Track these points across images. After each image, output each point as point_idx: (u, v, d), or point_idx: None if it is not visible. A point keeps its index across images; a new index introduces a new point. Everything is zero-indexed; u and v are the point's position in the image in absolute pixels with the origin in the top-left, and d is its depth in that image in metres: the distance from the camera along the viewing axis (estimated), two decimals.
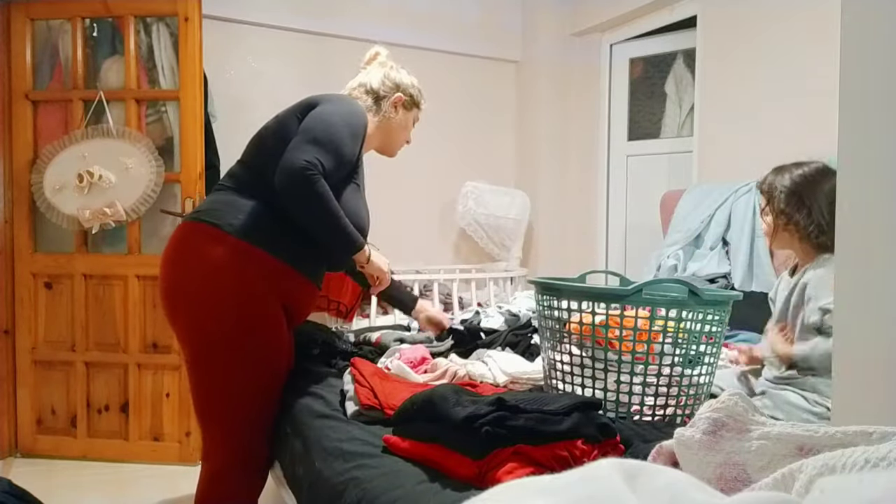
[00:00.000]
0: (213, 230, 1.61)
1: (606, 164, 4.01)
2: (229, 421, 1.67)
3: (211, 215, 1.64)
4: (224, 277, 1.60)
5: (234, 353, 1.62)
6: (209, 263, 1.60)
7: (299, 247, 1.68)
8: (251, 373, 1.65)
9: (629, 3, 3.58)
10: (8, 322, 2.83)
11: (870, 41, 0.84)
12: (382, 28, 3.74)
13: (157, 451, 2.77)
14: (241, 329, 1.62)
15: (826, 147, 1.97)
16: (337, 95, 1.82)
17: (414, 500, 1.06)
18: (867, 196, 0.85)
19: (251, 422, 1.69)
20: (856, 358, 0.87)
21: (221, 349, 1.62)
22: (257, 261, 1.62)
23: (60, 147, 2.73)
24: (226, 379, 1.64)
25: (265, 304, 1.65)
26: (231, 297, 1.61)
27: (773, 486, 0.58)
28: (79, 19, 2.79)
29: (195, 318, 1.62)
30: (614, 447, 1.21)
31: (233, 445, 1.68)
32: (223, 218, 1.63)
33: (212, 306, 1.61)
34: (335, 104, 1.73)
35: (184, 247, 1.66)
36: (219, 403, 1.66)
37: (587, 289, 1.56)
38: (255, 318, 1.64)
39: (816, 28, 2.63)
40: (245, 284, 1.61)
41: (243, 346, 1.63)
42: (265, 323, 1.66)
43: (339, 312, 3.09)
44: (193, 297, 1.62)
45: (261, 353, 1.66)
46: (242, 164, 1.77)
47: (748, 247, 2.60)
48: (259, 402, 1.69)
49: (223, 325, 1.61)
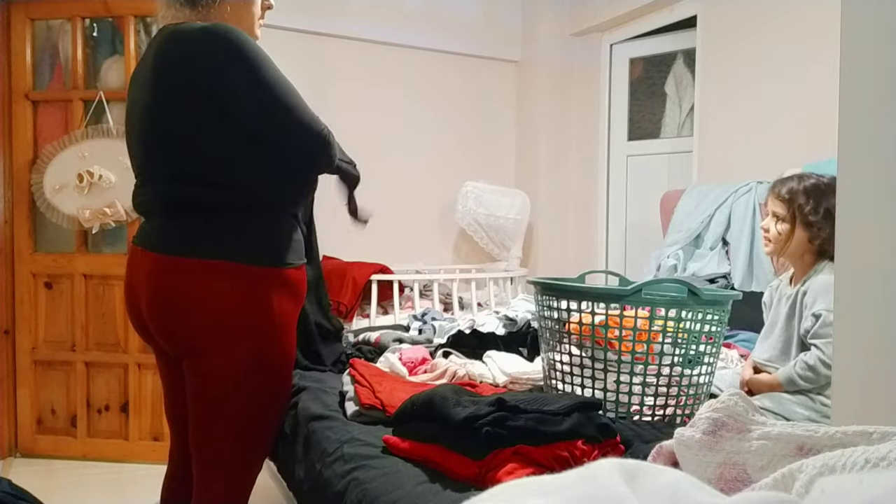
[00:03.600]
0: (212, 264, 1.41)
1: (606, 164, 4.01)
2: (247, 447, 1.53)
3: (200, 249, 1.42)
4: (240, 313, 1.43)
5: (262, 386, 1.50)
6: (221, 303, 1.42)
7: (290, 240, 1.53)
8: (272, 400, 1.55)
9: (629, 3, 3.58)
10: (8, 322, 2.82)
11: (870, 41, 0.84)
12: (382, 28, 3.74)
13: (157, 451, 2.77)
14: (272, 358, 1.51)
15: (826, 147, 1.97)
16: (196, 34, 1.40)
17: (414, 500, 1.06)
18: (867, 197, 0.85)
19: (265, 448, 1.59)
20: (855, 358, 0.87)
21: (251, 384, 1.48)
22: (269, 280, 1.47)
23: (60, 147, 2.73)
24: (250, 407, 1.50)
25: (284, 324, 1.52)
26: (264, 331, 1.46)
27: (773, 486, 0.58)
28: (79, 19, 2.79)
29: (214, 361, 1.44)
30: (614, 447, 1.21)
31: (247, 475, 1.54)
32: (218, 248, 1.42)
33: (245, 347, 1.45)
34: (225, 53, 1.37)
35: (184, 288, 1.42)
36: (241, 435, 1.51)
37: (587, 289, 1.56)
38: (277, 344, 1.51)
39: (816, 28, 2.63)
40: (264, 313, 1.46)
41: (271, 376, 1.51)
42: (286, 343, 1.55)
43: (338, 312, 3.09)
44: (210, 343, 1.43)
45: (281, 375, 1.56)
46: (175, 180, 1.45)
47: (748, 247, 2.59)
48: (275, 423, 1.59)
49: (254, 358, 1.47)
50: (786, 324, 1.73)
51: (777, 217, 1.75)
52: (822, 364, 1.56)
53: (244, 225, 1.45)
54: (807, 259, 1.72)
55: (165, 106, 1.42)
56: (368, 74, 3.72)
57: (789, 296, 1.74)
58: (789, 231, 1.72)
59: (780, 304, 1.78)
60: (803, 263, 1.73)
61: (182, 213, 1.45)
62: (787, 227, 1.72)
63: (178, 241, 1.43)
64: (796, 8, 2.74)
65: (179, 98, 1.40)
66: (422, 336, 2.25)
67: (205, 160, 1.43)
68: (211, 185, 1.43)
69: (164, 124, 1.44)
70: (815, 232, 1.68)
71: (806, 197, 1.69)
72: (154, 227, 1.48)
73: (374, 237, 3.69)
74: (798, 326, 1.68)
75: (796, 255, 1.74)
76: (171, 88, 1.41)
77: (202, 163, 1.43)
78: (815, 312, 1.61)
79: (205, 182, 1.43)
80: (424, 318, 2.54)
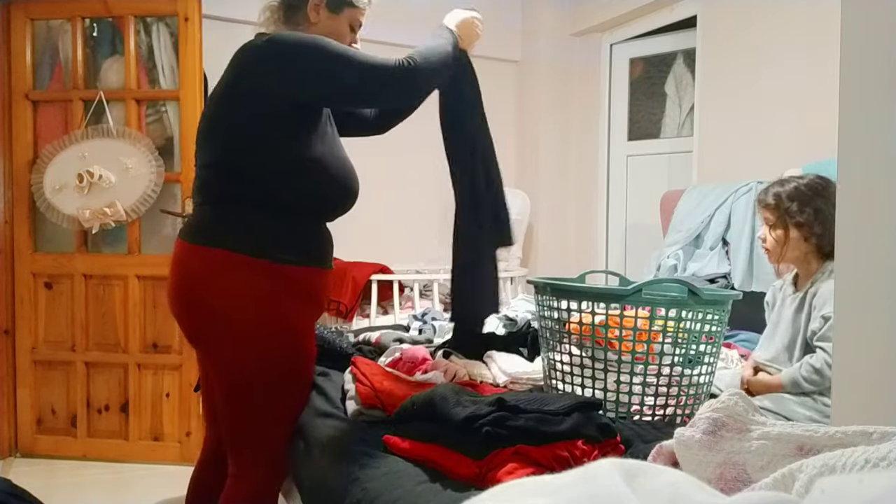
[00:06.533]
0: (236, 257, 1.44)
1: (606, 164, 4.01)
2: (270, 440, 1.55)
3: (223, 239, 1.45)
4: (261, 309, 1.45)
5: (277, 380, 1.52)
6: (243, 295, 1.44)
7: (315, 240, 1.56)
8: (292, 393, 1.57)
9: (629, 3, 3.58)
10: (8, 322, 2.83)
11: (870, 41, 0.84)
12: (381, 28, 3.71)
13: (157, 451, 2.77)
14: (282, 356, 1.52)
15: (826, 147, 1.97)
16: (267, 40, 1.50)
17: (414, 500, 1.06)
18: (867, 197, 0.85)
19: (287, 435, 1.59)
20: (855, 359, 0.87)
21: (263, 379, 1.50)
22: (286, 278, 1.49)
23: (60, 147, 2.73)
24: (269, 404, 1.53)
25: (302, 324, 1.55)
26: (272, 328, 1.48)
27: (773, 486, 0.58)
28: (79, 19, 2.79)
29: (234, 355, 1.48)
30: (614, 447, 1.21)
31: (271, 460, 1.57)
32: (241, 241, 1.45)
33: (252, 343, 1.47)
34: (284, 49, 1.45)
35: (208, 279, 1.45)
36: (261, 427, 1.54)
37: (587, 289, 1.56)
38: (294, 342, 1.54)
39: (816, 28, 2.63)
40: (282, 310, 1.48)
41: (285, 373, 1.53)
42: (303, 341, 1.57)
43: (338, 312, 3.09)
44: (231, 336, 1.46)
45: (300, 371, 1.58)
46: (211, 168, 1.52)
47: (748, 247, 2.59)
48: (295, 414, 1.60)
49: (264, 357, 1.49)
50: (791, 324, 1.73)
51: (769, 224, 1.78)
52: (828, 367, 1.56)
53: (261, 220, 1.47)
54: (811, 261, 1.73)
55: (221, 98, 1.49)
56: None
57: (795, 296, 1.74)
58: (783, 235, 1.73)
59: (785, 305, 1.78)
60: (808, 266, 1.74)
61: (207, 202, 1.52)
62: (780, 233, 1.74)
63: (194, 229, 1.51)
64: (796, 8, 2.74)
65: (231, 91, 1.47)
66: (422, 336, 2.25)
67: (238, 154, 1.46)
68: (239, 180, 1.47)
69: (213, 115, 1.51)
70: (807, 231, 1.70)
71: (790, 199, 1.72)
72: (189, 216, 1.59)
73: (374, 237, 3.70)
74: (805, 327, 1.68)
75: (799, 258, 1.75)
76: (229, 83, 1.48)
77: (234, 156, 1.47)
78: (824, 315, 1.61)
79: (234, 176, 1.47)
80: (424, 318, 2.54)
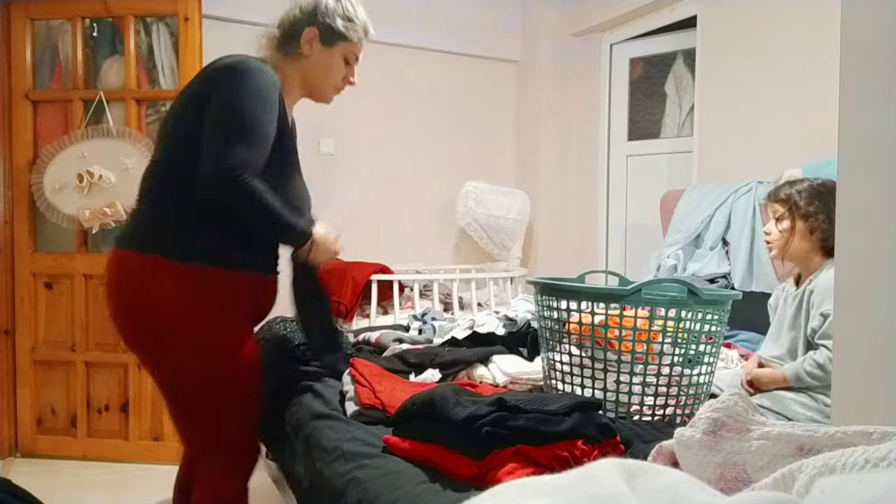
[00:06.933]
0: (162, 261, 1.46)
1: (606, 164, 4.01)
2: (218, 441, 1.56)
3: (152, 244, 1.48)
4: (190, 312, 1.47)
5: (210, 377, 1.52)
6: (171, 300, 1.46)
7: (248, 247, 1.56)
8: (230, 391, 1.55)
9: (629, 3, 3.58)
10: (8, 322, 2.83)
11: (870, 41, 0.84)
12: (382, 28, 3.70)
13: (157, 451, 2.77)
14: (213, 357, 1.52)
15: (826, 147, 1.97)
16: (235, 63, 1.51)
17: (414, 500, 1.06)
18: (867, 197, 0.85)
19: (241, 436, 1.60)
20: (856, 358, 0.87)
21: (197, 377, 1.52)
22: (217, 281, 1.50)
23: (60, 147, 2.73)
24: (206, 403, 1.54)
25: (234, 325, 1.55)
26: (202, 330, 1.48)
27: (773, 486, 0.58)
28: (79, 19, 2.79)
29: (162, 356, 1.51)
30: (614, 447, 1.21)
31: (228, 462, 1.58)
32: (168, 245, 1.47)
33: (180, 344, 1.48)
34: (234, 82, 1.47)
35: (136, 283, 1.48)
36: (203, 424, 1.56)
37: (587, 289, 1.56)
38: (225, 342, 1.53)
39: (816, 28, 2.63)
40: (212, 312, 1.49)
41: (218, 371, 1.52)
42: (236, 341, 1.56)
43: (338, 312, 3.09)
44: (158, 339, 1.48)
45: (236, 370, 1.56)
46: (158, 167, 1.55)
47: (748, 247, 2.60)
48: (243, 409, 1.60)
49: (195, 358, 1.50)
50: (792, 323, 1.73)
51: (777, 217, 1.78)
52: (830, 364, 1.56)
53: (192, 226, 1.49)
54: (813, 258, 1.73)
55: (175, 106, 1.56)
56: (368, 74, 3.71)
57: (795, 295, 1.75)
58: (790, 227, 1.74)
59: (787, 305, 1.78)
60: (810, 264, 1.74)
61: (142, 206, 1.55)
62: (787, 224, 1.75)
63: (130, 235, 1.54)
64: (796, 8, 2.74)
65: (182, 100, 1.54)
66: (422, 336, 2.25)
67: (176, 160, 1.50)
68: (172, 184, 1.50)
69: (167, 116, 1.59)
70: (813, 222, 1.71)
71: (800, 194, 1.75)
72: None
73: (374, 237, 3.70)
74: (805, 326, 1.68)
75: (802, 254, 1.75)
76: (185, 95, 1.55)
77: (173, 163, 1.51)
78: (823, 312, 1.61)
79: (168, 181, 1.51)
80: (424, 318, 2.53)
